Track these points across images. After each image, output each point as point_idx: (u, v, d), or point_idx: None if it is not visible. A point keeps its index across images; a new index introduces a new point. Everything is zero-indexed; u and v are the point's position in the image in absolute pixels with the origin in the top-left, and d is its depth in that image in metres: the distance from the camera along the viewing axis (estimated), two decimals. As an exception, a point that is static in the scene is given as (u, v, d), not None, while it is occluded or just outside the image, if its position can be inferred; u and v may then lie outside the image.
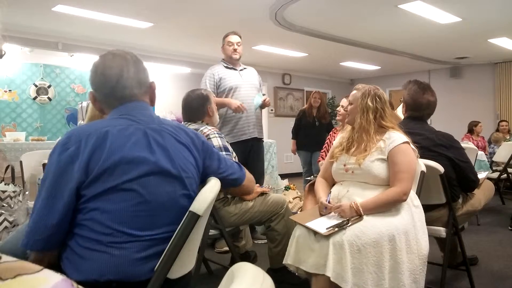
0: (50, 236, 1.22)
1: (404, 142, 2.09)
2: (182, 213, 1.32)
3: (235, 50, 3.64)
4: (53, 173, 1.23)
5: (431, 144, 2.49)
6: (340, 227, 1.89)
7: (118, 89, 1.37)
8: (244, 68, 3.76)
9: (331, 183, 2.31)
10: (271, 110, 9.95)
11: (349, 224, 1.90)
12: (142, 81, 1.42)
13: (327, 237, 1.87)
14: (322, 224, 1.96)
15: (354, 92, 2.27)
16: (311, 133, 5.85)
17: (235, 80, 3.60)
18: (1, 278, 0.54)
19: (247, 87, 3.64)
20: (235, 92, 3.58)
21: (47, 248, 1.25)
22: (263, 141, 3.89)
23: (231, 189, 1.74)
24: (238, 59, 3.70)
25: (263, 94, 3.71)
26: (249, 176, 1.71)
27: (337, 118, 3.57)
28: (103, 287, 1.21)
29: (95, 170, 1.22)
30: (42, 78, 7.02)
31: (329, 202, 2.09)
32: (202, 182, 1.48)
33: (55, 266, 1.24)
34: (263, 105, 3.66)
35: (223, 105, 3.51)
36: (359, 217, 1.94)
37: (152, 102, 1.50)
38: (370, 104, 2.17)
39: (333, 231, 1.88)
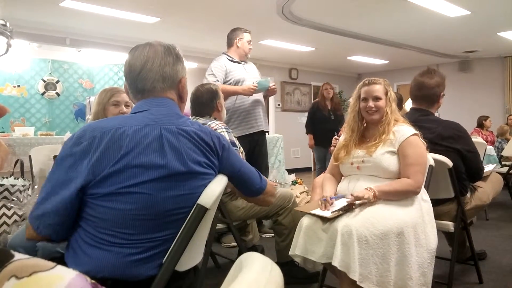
0: (56, 225, 1.22)
1: (413, 134, 2.08)
2: (187, 216, 1.30)
3: (250, 49, 3.75)
4: (65, 161, 1.23)
5: (439, 138, 2.46)
6: (345, 210, 1.91)
7: (139, 80, 1.36)
8: (246, 63, 3.80)
9: (339, 179, 2.30)
10: (278, 104, 9.92)
11: (354, 207, 1.91)
12: (167, 75, 1.38)
13: (336, 226, 1.87)
14: (327, 211, 1.98)
15: (376, 87, 2.16)
16: (327, 127, 5.53)
17: (240, 74, 3.64)
18: (16, 277, 0.54)
19: (251, 81, 3.65)
20: (241, 85, 3.61)
21: (54, 237, 1.24)
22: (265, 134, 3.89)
23: (249, 198, 1.62)
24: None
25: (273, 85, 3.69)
26: (269, 189, 1.60)
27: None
28: (98, 283, 1.21)
29: (103, 172, 1.21)
30: (50, 73, 7.05)
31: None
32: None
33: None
34: (270, 92, 3.69)
35: (236, 93, 3.55)
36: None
37: (181, 98, 1.45)
38: (393, 94, 2.18)
39: (338, 214, 1.89)
